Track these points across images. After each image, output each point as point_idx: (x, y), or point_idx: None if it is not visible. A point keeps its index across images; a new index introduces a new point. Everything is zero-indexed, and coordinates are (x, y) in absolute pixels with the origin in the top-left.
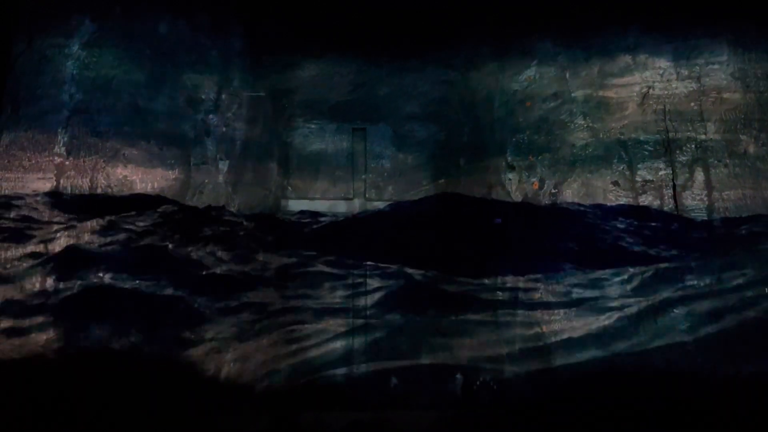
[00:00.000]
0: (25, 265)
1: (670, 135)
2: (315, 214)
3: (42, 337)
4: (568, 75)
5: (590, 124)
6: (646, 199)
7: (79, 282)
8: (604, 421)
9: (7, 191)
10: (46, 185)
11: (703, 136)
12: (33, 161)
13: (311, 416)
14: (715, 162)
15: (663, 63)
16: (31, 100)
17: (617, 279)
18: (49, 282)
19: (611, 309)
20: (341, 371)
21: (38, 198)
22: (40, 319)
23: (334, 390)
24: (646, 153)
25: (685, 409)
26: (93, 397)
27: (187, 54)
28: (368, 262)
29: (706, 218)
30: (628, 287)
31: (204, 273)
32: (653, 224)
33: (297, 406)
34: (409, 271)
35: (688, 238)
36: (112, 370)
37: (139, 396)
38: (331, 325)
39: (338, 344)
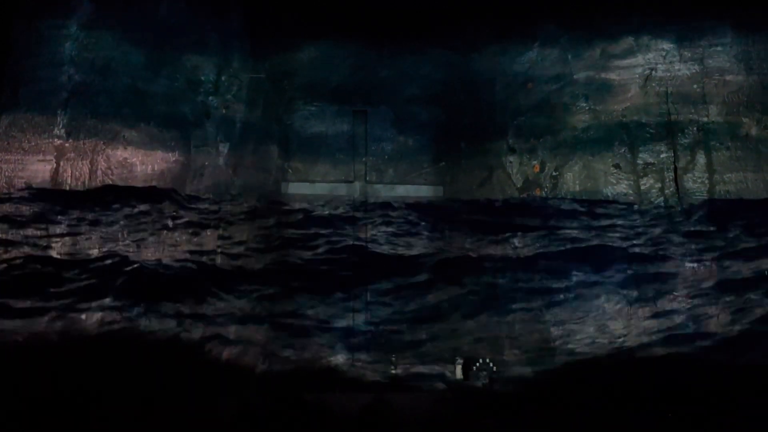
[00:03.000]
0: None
1: (672, 117)
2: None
3: (44, 318)
4: (570, 57)
5: (592, 107)
6: (647, 182)
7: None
8: (603, 405)
9: (7, 173)
10: (46, 167)
11: (705, 119)
12: (33, 143)
13: (313, 397)
14: (717, 145)
15: (666, 45)
16: (31, 81)
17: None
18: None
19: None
20: (343, 354)
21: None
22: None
23: (336, 372)
24: (648, 136)
25: (684, 393)
26: (95, 378)
27: (187, 36)
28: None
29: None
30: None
31: None
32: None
33: (299, 387)
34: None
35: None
36: (115, 352)
37: (142, 376)
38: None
39: (340, 327)
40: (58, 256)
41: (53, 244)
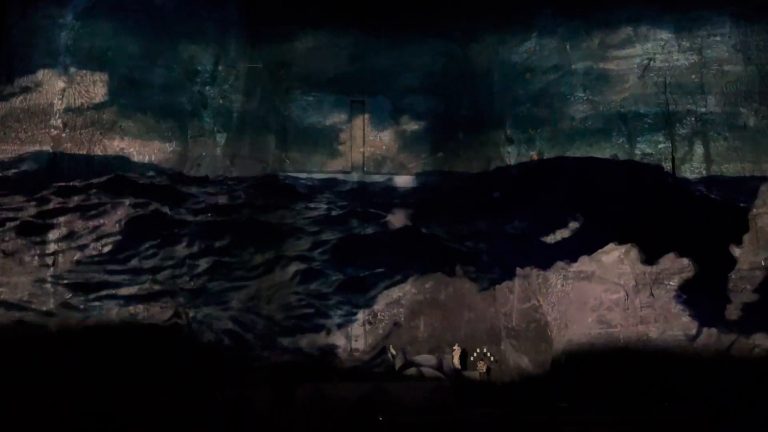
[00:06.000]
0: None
1: (670, 108)
2: None
3: (42, 309)
4: (568, 47)
5: (590, 97)
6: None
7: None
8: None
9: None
10: (43, 157)
11: (703, 109)
12: (29, 133)
13: (311, 386)
14: (715, 135)
15: (664, 34)
16: (26, 71)
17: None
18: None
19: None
20: (341, 342)
21: None
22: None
23: (334, 361)
24: (646, 126)
25: (679, 383)
26: (96, 368)
27: (183, 25)
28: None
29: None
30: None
31: None
32: None
33: (297, 376)
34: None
35: None
36: (115, 342)
37: (141, 366)
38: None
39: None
40: None
41: None
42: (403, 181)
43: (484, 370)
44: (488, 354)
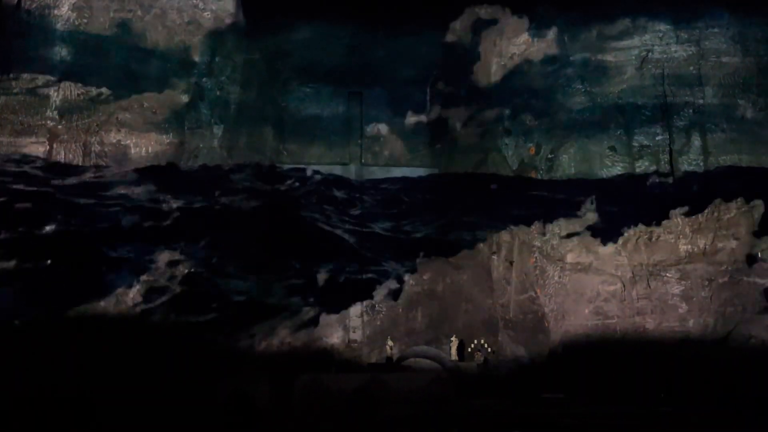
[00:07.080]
0: None
1: (668, 99)
2: None
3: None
4: (566, 38)
5: (588, 89)
6: (642, 164)
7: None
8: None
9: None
10: (39, 149)
11: (701, 101)
12: (25, 125)
13: (309, 377)
14: (713, 127)
15: (663, 26)
16: (22, 62)
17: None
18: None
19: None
20: (339, 333)
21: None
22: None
23: (332, 352)
24: (644, 118)
25: (675, 373)
26: (99, 360)
27: (180, 15)
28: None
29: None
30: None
31: None
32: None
33: (295, 367)
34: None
35: None
36: (116, 334)
37: (142, 357)
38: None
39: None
40: None
41: None
42: (400, 172)
43: (482, 361)
44: (486, 345)
